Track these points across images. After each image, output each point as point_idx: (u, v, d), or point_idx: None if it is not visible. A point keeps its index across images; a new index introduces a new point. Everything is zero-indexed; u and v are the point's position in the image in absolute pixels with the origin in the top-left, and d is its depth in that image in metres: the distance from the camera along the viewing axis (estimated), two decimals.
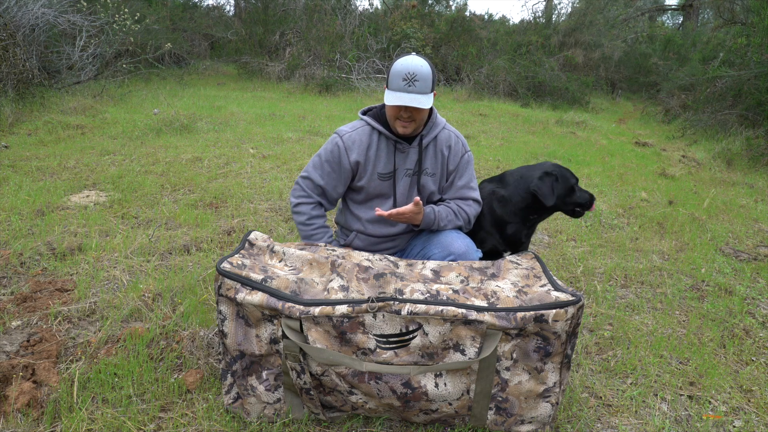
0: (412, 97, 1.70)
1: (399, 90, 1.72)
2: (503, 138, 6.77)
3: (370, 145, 1.87)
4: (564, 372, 1.44)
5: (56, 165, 4.01)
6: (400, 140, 1.86)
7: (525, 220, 2.07)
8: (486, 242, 2.08)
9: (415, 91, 1.71)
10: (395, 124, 1.81)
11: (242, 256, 1.54)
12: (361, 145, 1.86)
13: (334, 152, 1.88)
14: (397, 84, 1.72)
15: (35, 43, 6.93)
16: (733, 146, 6.54)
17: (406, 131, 1.80)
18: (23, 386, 1.54)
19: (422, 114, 1.79)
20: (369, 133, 1.88)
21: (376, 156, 1.87)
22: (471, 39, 12.83)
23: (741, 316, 2.37)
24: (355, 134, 1.88)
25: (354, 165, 1.87)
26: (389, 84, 1.75)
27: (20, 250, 2.48)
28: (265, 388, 1.49)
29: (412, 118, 1.78)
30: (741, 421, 1.66)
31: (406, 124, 1.79)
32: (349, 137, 1.87)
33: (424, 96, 1.72)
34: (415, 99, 1.70)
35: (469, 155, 1.98)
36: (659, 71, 13.55)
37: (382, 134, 1.87)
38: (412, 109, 1.75)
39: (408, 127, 1.79)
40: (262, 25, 12.28)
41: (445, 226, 1.91)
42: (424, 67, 1.72)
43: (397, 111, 1.77)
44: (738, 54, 8.09)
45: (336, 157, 1.88)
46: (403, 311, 1.34)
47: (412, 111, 1.76)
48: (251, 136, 5.60)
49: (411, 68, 1.71)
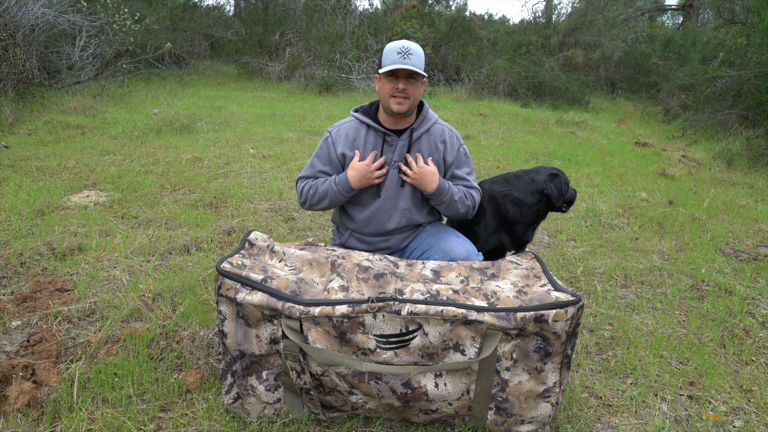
0: (408, 66, 1.72)
1: (394, 63, 1.73)
2: (503, 138, 6.77)
3: (357, 138, 1.89)
4: (564, 372, 1.44)
5: (56, 165, 4.01)
6: (388, 132, 1.87)
7: (535, 221, 2.14)
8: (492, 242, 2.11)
9: (410, 63, 1.73)
10: (390, 102, 1.80)
11: (242, 256, 1.54)
12: (347, 138, 1.89)
13: (323, 148, 1.94)
14: (392, 58, 1.73)
15: (35, 43, 6.93)
16: (733, 146, 6.55)
17: (402, 108, 1.79)
18: (23, 386, 1.54)
19: (416, 92, 1.79)
20: (357, 126, 1.91)
21: (364, 148, 1.89)
22: (471, 39, 12.83)
23: (741, 316, 2.37)
24: (342, 128, 1.93)
25: (341, 157, 1.90)
26: (383, 60, 1.77)
27: (20, 250, 2.48)
28: (265, 388, 1.49)
29: (406, 95, 1.77)
30: (741, 421, 1.66)
31: (401, 100, 1.78)
32: (337, 132, 1.93)
33: (419, 69, 1.74)
34: (412, 66, 1.72)
35: (464, 148, 1.98)
36: (659, 71, 13.55)
37: (370, 128, 1.89)
38: (407, 84, 1.76)
39: (403, 104, 1.79)
40: (262, 25, 12.29)
41: (457, 201, 1.89)
42: (417, 45, 1.76)
43: (392, 86, 1.77)
44: (738, 54, 8.09)
45: (326, 152, 1.93)
46: (403, 311, 1.34)
47: (407, 86, 1.76)
48: (251, 136, 5.60)
49: (405, 44, 1.74)
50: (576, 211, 3.80)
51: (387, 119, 1.88)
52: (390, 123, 1.88)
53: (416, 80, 1.77)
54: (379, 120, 1.90)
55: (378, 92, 1.86)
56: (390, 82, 1.77)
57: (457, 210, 1.91)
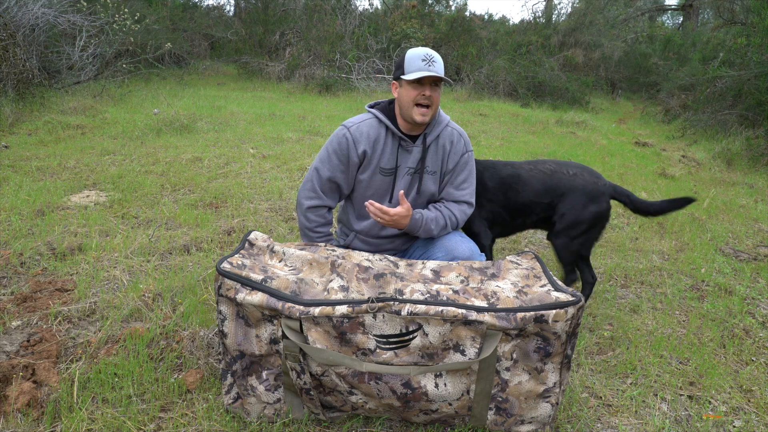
0: (435, 72, 1.70)
1: (420, 69, 1.71)
2: (503, 138, 6.77)
3: (378, 139, 1.85)
4: (564, 372, 1.44)
5: (56, 165, 4.01)
6: (404, 137, 1.85)
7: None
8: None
9: (435, 70, 1.71)
10: (413, 111, 1.77)
11: (242, 256, 1.54)
12: (369, 138, 1.84)
13: (342, 144, 1.85)
14: (417, 65, 1.71)
15: (35, 43, 6.93)
16: (733, 146, 6.54)
17: (425, 119, 1.77)
18: (23, 386, 1.54)
19: (438, 100, 1.79)
20: (377, 126, 1.86)
21: (382, 150, 1.86)
22: (471, 39, 12.82)
23: (741, 316, 2.37)
24: (363, 126, 1.86)
25: (361, 155, 1.85)
26: (407, 67, 1.74)
27: (20, 250, 2.48)
28: (265, 388, 1.49)
29: (430, 102, 1.76)
30: (741, 421, 1.66)
31: (425, 111, 1.76)
32: (357, 129, 1.85)
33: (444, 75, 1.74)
34: (438, 73, 1.71)
35: (469, 155, 1.96)
36: (659, 71, 13.54)
37: (389, 129, 1.86)
38: (432, 90, 1.75)
39: (426, 115, 1.77)
40: (262, 25, 12.28)
41: (432, 230, 1.89)
42: (437, 53, 1.76)
43: (417, 93, 1.74)
44: (738, 54, 8.08)
45: (344, 149, 1.85)
46: (403, 311, 1.34)
47: (431, 93, 1.75)
48: (251, 136, 5.60)
49: (428, 51, 1.74)
50: None
51: (404, 125, 1.86)
52: (406, 128, 1.86)
53: (439, 87, 1.77)
54: (397, 123, 1.87)
55: (398, 99, 1.82)
56: (415, 89, 1.74)
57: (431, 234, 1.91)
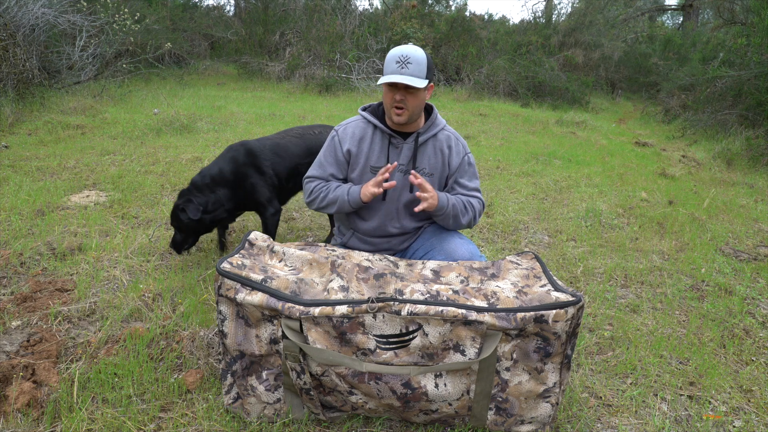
0: (404, 77, 1.68)
1: (392, 73, 1.71)
2: (503, 138, 6.77)
3: (364, 138, 1.89)
4: (564, 372, 1.44)
5: (56, 165, 4.01)
6: (394, 134, 1.86)
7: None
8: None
9: (408, 73, 1.69)
10: (391, 112, 1.79)
11: (242, 256, 1.54)
12: (353, 137, 1.89)
13: (330, 146, 1.94)
14: (390, 68, 1.71)
15: (35, 43, 6.92)
16: (733, 146, 6.54)
17: (400, 119, 1.78)
18: (23, 386, 1.54)
19: (415, 102, 1.75)
20: (364, 126, 1.91)
21: (370, 148, 1.88)
22: (471, 39, 12.82)
23: (741, 316, 2.37)
24: (350, 126, 1.93)
25: (346, 154, 1.90)
26: (384, 69, 1.75)
27: (20, 250, 2.48)
28: (265, 388, 1.49)
29: (403, 104, 1.74)
30: (741, 421, 1.66)
31: (399, 111, 1.76)
32: (344, 130, 1.93)
33: (417, 79, 1.69)
34: (407, 78, 1.68)
35: (470, 157, 1.97)
36: (659, 71, 13.54)
37: (377, 128, 1.89)
38: (405, 94, 1.72)
39: (401, 115, 1.77)
40: (262, 25, 12.28)
41: (458, 215, 1.86)
42: (418, 52, 1.71)
43: (391, 97, 1.75)
44: (738, 54, 8.08)
45: (332, 150, 1.93)
46: (403, 312, 1.34)
47: (405, 96, 1.73)
48: (251, 136, 5.60)
49: (405, 52, 1.70)
50: (576, 211, 3.80)
51: (392, 123, 1.87)
52: (396, 126, 1.87)
53: (415, 90, 1.73)
54: (386, 121, 1.89)
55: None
56: (389, 92, 1.75)
57: (459, 223, 1.90)
